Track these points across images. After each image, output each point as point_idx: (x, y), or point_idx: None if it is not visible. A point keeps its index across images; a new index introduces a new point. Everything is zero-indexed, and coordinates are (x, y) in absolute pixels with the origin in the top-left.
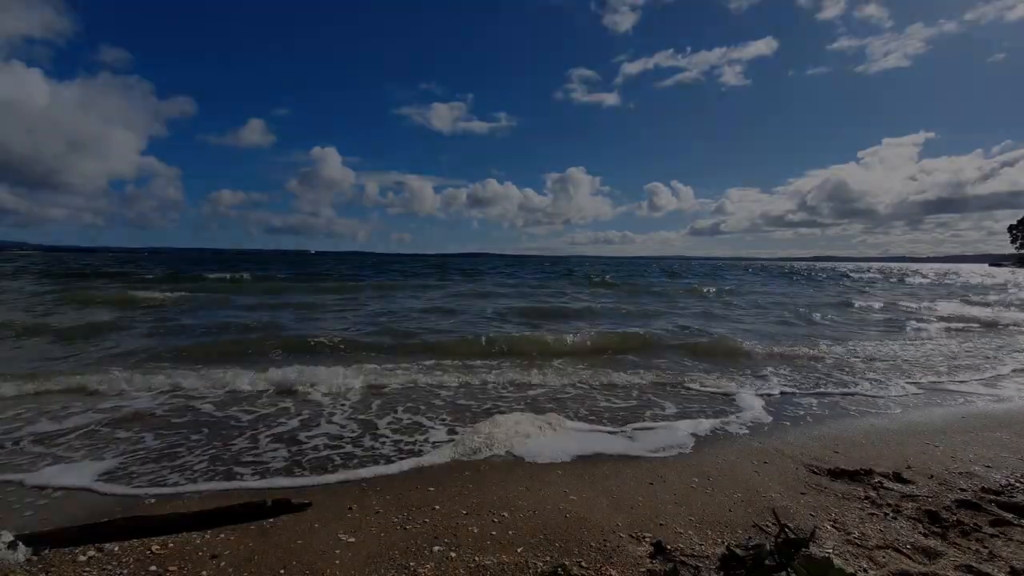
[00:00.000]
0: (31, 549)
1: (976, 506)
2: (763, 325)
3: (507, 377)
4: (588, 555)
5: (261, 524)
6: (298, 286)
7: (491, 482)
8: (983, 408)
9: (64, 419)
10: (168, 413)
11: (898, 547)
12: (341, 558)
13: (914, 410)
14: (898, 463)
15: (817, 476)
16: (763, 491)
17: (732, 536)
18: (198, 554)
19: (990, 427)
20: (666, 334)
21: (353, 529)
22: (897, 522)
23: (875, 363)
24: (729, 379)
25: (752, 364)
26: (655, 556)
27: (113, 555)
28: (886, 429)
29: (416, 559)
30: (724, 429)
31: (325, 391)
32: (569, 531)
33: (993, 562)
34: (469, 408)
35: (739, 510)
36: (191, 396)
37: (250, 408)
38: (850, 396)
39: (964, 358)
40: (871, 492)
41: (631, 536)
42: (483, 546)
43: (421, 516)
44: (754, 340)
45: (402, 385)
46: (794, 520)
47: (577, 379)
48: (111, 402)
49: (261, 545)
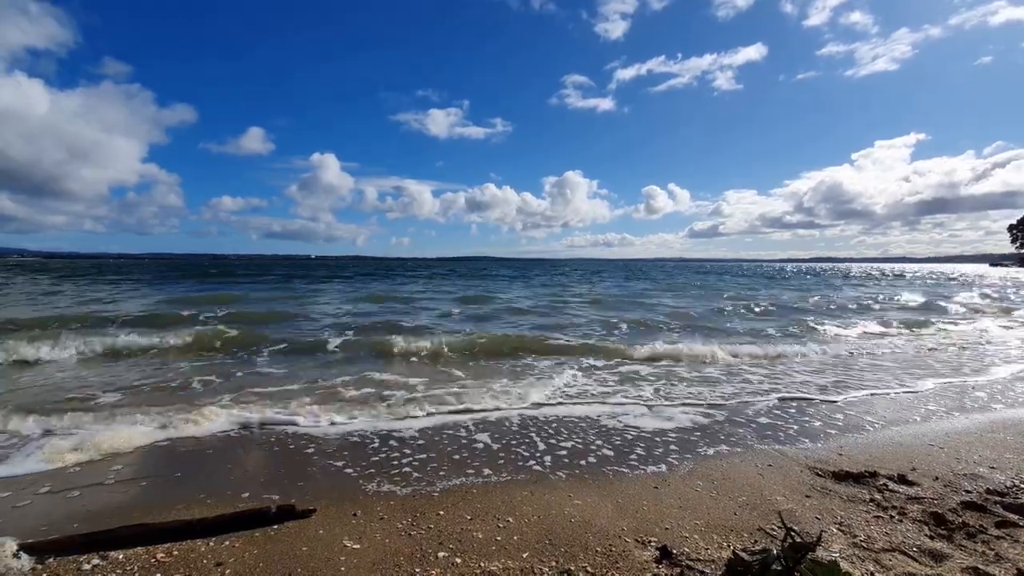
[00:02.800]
0: (35, 558)
1: (981, 508)
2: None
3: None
4: (593, 560)
5: (266, 531)
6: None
7: (495, 487)
8: (987, 410)
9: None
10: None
11: (904, 550)
12: (346, 565)
13: (918, 412)
14: (903, 465)
15: (822, 479)
16: (768, 495)
17: (737, 540)
18: (203, 562)
19: (994, 429)
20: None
21: (358, 535)
22: (903, 525)
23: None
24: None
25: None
26: (661, 561)
27: (118, 563)
28: (890, 431)
29: (421, 565)
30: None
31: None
32: (574, 536)
33: (999, 564)
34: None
35: (744, 514)
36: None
37: None
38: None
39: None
40: (876, 495)
41: (636, 541)
42: (488, 552)
43: (426, 522)
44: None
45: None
46: (799, 523)
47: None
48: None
49: (266, 552)
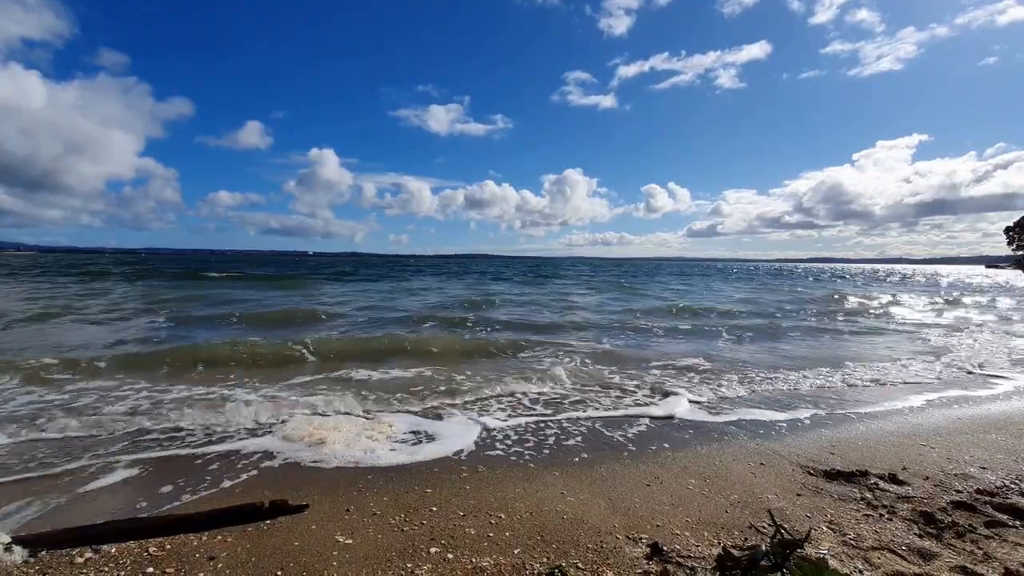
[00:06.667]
0: (28, 551)
1: (971, 507)
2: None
3: None
4: (585, 556)
5: (259, 526)
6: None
7: (488, 483)
8: (978, 410)
9: None
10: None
11: (893, 548)
12: (339, 560)
13: (910, 412)
14: (893, 465)
15: (813, 478)
16: (759, 493)
17: (728, 537)
18: (195, 556)
19: (985, 429)
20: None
21: (351, 531)
22: (892, 523)
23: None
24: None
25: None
26: (652, 557)
27: (110, 557)
28: (882, 430)
29: (413, 560)
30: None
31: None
32: (566, 532)
33: (988, 563)
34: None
35: (735, 511)
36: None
37: None
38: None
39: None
40: (867, 493)
41: (628, 537)
42: (480, 548)
43: (419, 518)
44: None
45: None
46: (790, 522)
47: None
48: None
49: (258, 547)
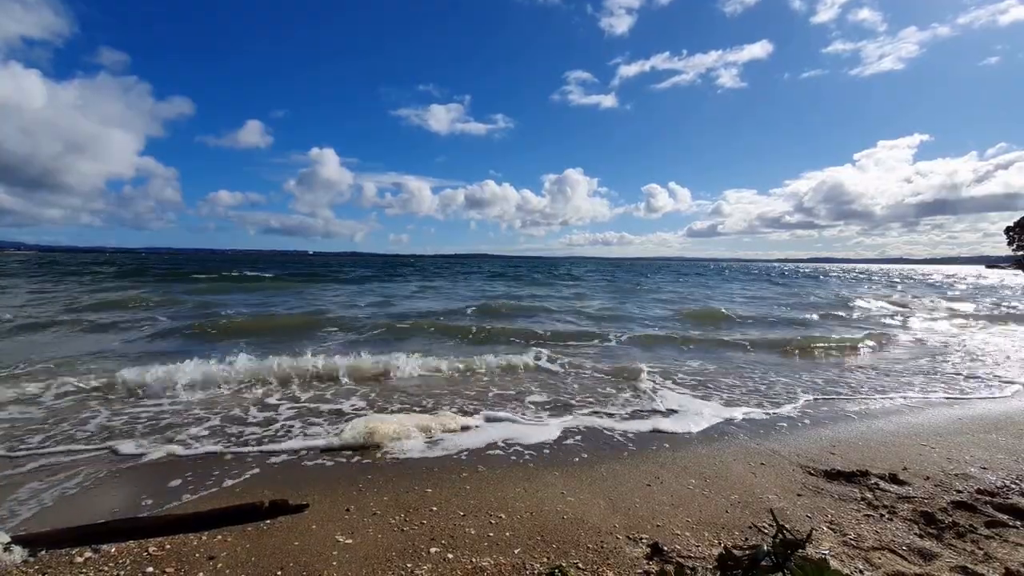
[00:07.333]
0: (27, 550)
1: (972, 508)
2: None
3: None
4: (585, 556)
5: (258, 525)
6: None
7: (489, 483)
8: (979, 410)
9: None
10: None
11: (894, 548)
12: (339, 559)
13: (910, 412)
14: (894, 465)
15: (814, 478)
16: (760, 493)
17: (729, 537)
18: (195, 555)
19: (985, 429)
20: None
21: (351, 531)
22: (893, 523)
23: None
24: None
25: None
26: (652, 557)
27: (110, 556)
28: (882, 431)
29: (414, 560)
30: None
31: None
32: (566, 532)
33: (988, 563)
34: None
35: (736, 511)
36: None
37: None
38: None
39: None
40: (867, 494)
41: (628, 538)
42: (480, 548)
43: (419, 517)
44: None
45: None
46: (791, 521)
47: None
48: None
49: (258, 547)
